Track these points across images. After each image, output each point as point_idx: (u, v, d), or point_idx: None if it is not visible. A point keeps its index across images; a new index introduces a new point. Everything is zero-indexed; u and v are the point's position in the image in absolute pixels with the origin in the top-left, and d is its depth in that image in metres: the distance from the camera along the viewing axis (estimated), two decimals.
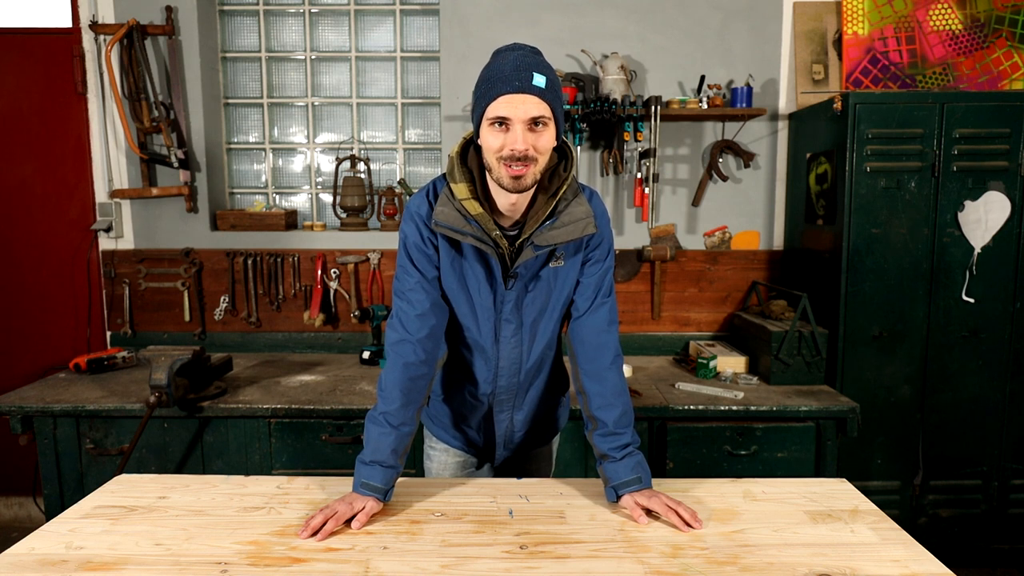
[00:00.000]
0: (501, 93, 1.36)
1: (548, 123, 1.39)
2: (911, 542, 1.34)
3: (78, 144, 3.25)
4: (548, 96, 1.37)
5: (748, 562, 1.26)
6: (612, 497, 1.51)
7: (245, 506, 1.50)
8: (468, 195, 1.46)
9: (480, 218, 1.46)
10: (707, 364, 2.83)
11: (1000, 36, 3.07)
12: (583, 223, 1.49)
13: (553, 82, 1.39)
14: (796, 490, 1.60)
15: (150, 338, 3.30)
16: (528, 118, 1.36)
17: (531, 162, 1.38)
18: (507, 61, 1.38)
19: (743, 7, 3.15)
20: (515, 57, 1.39)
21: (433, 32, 3.38)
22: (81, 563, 1.25)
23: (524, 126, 1.36)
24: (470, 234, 1.46)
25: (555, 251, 1.53)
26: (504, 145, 1.37)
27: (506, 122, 1.37)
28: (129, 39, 3.08)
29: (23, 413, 2.47)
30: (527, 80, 1.35)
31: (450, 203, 1.47)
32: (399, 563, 1.26)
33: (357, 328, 3.29)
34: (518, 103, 1.35)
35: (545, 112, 1.37)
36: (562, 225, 1.48)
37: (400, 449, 1.51)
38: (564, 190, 1.49)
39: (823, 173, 2.87)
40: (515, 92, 1.35)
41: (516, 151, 1.36)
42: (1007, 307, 2.74)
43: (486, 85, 1.39)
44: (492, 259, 1.50)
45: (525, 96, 1.35)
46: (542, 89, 1.36)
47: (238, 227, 3.27)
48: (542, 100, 1.37)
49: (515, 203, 1.47)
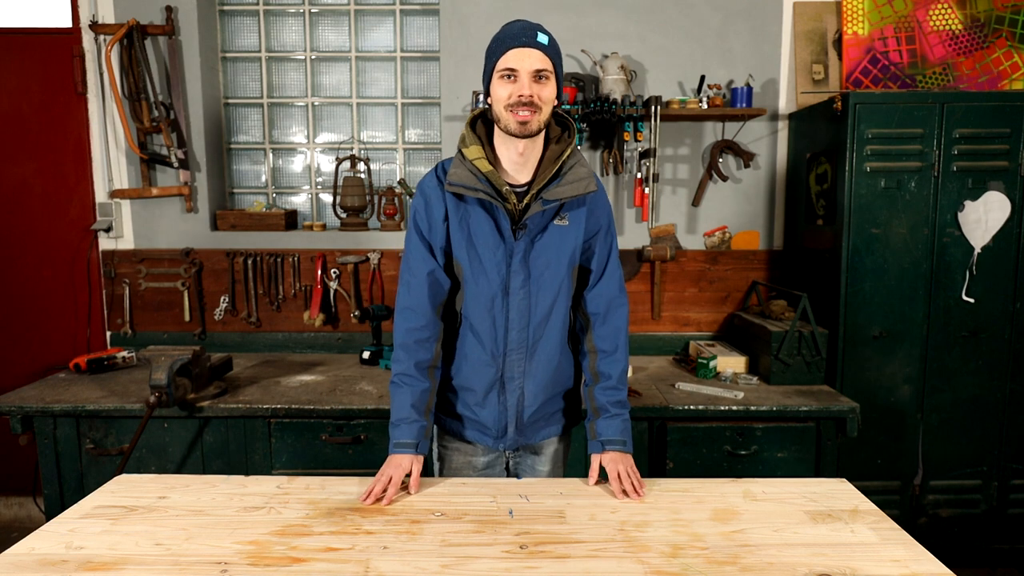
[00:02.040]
0: (510, 47, 1.56)
1: (550, 76, 1.58)
2: (911, 542, 1.34)
3: (78, 144, 3.25)
4: (550, 52, 1.58)
5: (748, 562, 1.27)
6: (598, 449, 1.71)
7: (245, 506, 1.50)
8: (479, 155, 1.64)
9: (490, 175, 1.63)
10: (707, 364, 2.83)
11: (1000, 36, 3.07)
12: (585, 181, 1.65)
13: (554, 42, 1.60)
14: (796, 490, 1.60)
15: (150, 338, 3.30)
16: (533, 70, 1.55)
17: (536, 109, 1.56)
18: (514, 25, 1.60)
19: (743, 7, 3.15)
20: (521, 23, 1.60)
21: (433, 32, 3.38)
22: (81, 563, 1.25)
23: (530, 76, 1.55)
24: (481, 190, 1.61)
25: (560, 210, 1.67)
26: (512, 93, 1.55)
27: (514, 73, 1.56)
28: (129, 39, 3.08)
29: (23, 413, 2.47)
30: (532, 37, 1.56)
31: (462, 165, 1.64)
32: (399, 563, 1.26)
33: (357, 328, 3.28)
34: (524, 56, 1.55)
35: (547, 66, 1.57)
36: (567, 183, 1.64)
37: (420, 405, 1.67)
38: (568, 152, 1.67)
39: (823, 173, 2.87)
40: (522, 46, 1.55)
41: (523, 96, 1.54)
42: (1007, 307, 2.74)
43: (496, 44, 1.60)
44: (500, 214, 1.64)
45: (530, 50, 1.55)
46: (545, 45, 1.57)
47: (238, 227, 3.27)
48: (545, 55, 1.57)
49: (522, 152, 1.64)
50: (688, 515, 1.47)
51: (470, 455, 1.82)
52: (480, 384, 1.74)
